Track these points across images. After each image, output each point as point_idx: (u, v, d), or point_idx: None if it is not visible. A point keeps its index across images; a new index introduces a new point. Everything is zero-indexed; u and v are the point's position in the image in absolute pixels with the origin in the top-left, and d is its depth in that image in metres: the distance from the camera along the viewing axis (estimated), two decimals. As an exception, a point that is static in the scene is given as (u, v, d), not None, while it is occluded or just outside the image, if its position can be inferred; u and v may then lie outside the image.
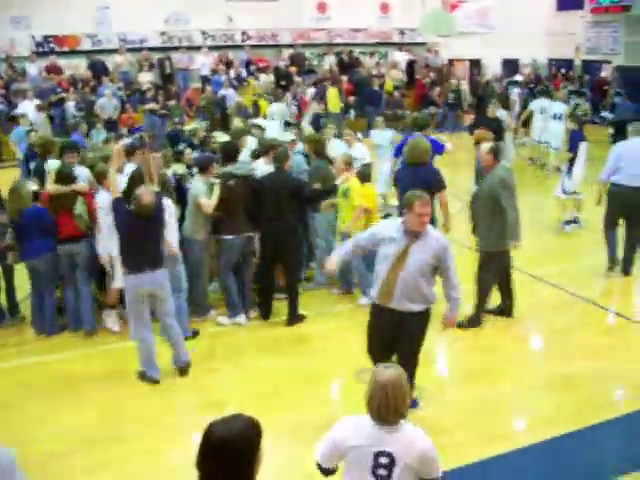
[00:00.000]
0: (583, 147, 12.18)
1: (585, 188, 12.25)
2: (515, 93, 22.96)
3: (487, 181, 8.38)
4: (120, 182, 8.13)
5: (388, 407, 3.80)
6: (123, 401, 7.19)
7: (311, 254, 10.19)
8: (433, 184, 8.61)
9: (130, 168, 8.60)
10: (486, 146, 8.54)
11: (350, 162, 9.60)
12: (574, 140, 12.30)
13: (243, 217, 8.70)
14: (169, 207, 8.05)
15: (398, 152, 11.39)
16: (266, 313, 9.06)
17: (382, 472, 3.83)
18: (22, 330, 8.94)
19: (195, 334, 8.56)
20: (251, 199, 8.69)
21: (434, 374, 7.60)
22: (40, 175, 9.42)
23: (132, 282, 7.24)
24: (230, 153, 8.98)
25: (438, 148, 10.87)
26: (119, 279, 8.09)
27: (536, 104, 18.10)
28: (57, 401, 7.23)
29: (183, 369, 7.66)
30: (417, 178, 8.43)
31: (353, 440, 3.85)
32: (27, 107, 17.93)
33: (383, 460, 3.81)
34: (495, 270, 8.57)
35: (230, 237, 8.70)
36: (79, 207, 8.54)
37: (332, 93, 21.85)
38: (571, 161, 12.20)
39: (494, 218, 8.23)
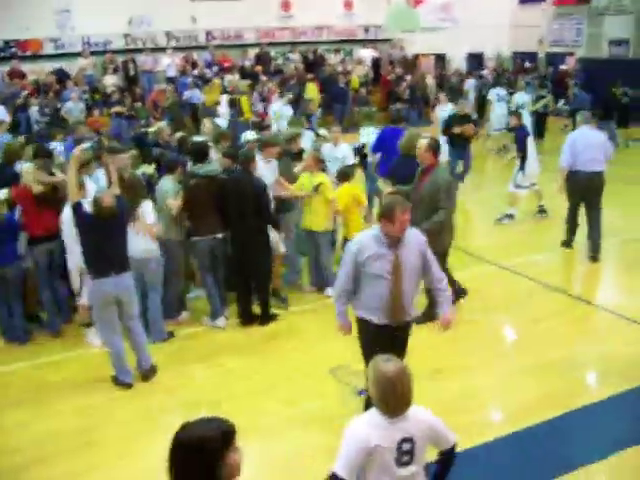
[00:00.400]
0: (530, 142, 12.45)
1: (545, 177, 12.40)
2: (470, 85, 23.23)
3: (431, 182, 8.07)
4: (90, 186, 8.10)
5: (401, 399, 3.80)
6: (97, 406, 7.13)
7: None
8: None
9: (101, 172, 8.56)
10: (425, 142, 8.15)
11: (319, 159, 9.56)
12: (520, 137, 12.39)
13: (212, 218, 8.59)
14: (148, 210, 8.09)
15: (377, 147, 11.49)
16: (248, 318, 8.89)
17: (406, 458, 3.86)
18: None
19: (170, 335, 8.53)
20: (218, 200, 8.61)
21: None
22: (8, 182, 9.15)
23: (98, 287, 7.15)
24: (200, 153, 8.91)
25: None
26: (85, 295, 8.11)
27: (493, 93, 18.48)
28: (30, 409, 7.15)
29: (145, 374, 7.59)
30: (415, 169, 8.63)
31: (375, 439, 3.78)
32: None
33: (406, 446, 3.84)
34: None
35: (198, 239, 8.65)
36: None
37: (311, 89, 21.85)
38: (522, 158, 12.29)
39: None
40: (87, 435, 6.59)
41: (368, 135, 12.61)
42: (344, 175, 9.46)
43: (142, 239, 8.01)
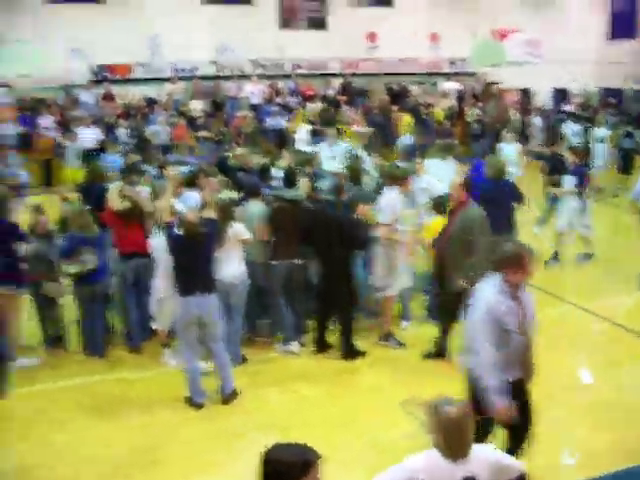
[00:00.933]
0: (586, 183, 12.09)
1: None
2: (537, 121, 22.94)
3: (462, 219, 7.94)
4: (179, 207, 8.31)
5: (465, 442, 3.81)
6: (168, 425, 7.27)
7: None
8: (517, 197, 10.07)
9: (190, 195, 8.75)
10: (458, 180, 8.10)
11: None
12: (579, 175, 11.89)
13: (293, 243, 8.67)
14: (241, 229, 8.28)
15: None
16: (321, 346, 8.91)
17: None
18: (71, 353, 9.03)
19: (244, 360, 8.61)
20: (300, 226, 8.67)
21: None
22: (99, 199, 9.36)
23: (182, 306, 7.34)
24: (289, 179, 9.08)
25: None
26: (161, 321, 8.32)
27: (567, 127, 18.27)
28: (103, 422, 7.36)
29: (227, 398, 7.68)
30: (504, 191, 9.58)
31: (427, 476, 3.77)
32: (84, 134, 18.43)
33: None
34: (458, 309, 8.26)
35: (275, 263, 8.74)
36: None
37: (405, 120, 21.96)
38: (580, 194, 11.91)
39: (464, 259, 7.86)
40: (155, 453, 6.73)
41: (437, 168, 12.39)
42: (440, 206, 9.41)
43: (233, 263, 8.15)
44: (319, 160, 12.10)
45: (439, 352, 8.53)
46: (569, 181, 11.97)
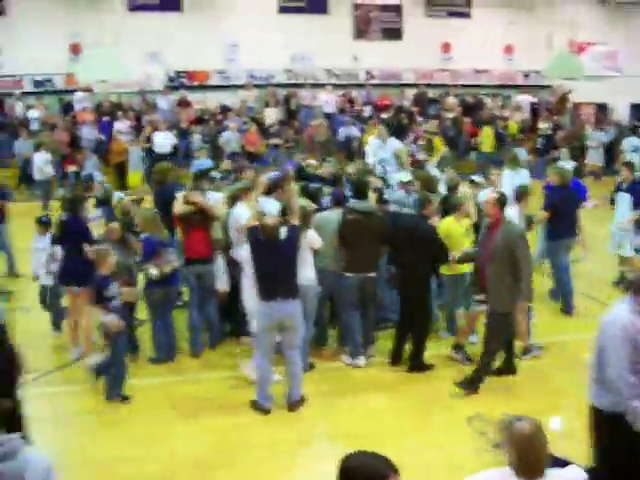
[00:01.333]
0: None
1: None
2: (600, 136, 22.46)
3: (503, 233, 7.68)
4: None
5: (540, 458, 3.70)
6: (235, 428, 7.32)
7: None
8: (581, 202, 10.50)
9: (268, 201, 8.79)
10: (493, 197, 7.88)
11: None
12: (634, 193, 11.20)
13: (365, 255, 8.62)
14: (314, 236, 8.30)
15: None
16: (396, 359, 8.81)
17: None
18: (142, 354, 9.11)
19: (311, 367, 8.61)
20: (376, 238, 8.64)
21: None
22: (167, 202, 9.41)
23: (263, 310, 7.41)
24: (360, 190, 9.02)
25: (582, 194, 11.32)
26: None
27: (628, 143, 17.79)
28: (175, 420, 7.49)
29: (293, 405, 7.68)
30: (576, 197, 10.04)
31: None
32: (159, 139, 18.79)
33: None
34: (506, 331, 7.97)
35: (347, 274, 8.69)
36: (219, 231, 8.90)
37: (486, 132, 21.82)
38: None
39: (508, 275, 7.62)
40: (221, 456, 6.79)
41: (510, 180, 12.18)
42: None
43: (306, 269, 8.15)
44: (375, 170, 12.14)
45: (507, 370, 8.42)
46: (623, 199, 11.42)
